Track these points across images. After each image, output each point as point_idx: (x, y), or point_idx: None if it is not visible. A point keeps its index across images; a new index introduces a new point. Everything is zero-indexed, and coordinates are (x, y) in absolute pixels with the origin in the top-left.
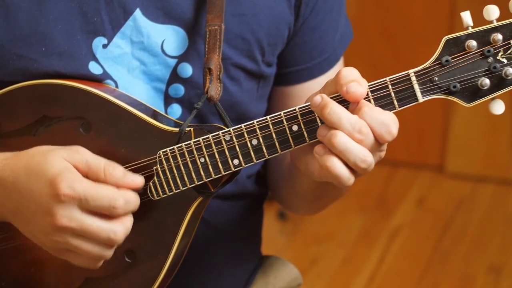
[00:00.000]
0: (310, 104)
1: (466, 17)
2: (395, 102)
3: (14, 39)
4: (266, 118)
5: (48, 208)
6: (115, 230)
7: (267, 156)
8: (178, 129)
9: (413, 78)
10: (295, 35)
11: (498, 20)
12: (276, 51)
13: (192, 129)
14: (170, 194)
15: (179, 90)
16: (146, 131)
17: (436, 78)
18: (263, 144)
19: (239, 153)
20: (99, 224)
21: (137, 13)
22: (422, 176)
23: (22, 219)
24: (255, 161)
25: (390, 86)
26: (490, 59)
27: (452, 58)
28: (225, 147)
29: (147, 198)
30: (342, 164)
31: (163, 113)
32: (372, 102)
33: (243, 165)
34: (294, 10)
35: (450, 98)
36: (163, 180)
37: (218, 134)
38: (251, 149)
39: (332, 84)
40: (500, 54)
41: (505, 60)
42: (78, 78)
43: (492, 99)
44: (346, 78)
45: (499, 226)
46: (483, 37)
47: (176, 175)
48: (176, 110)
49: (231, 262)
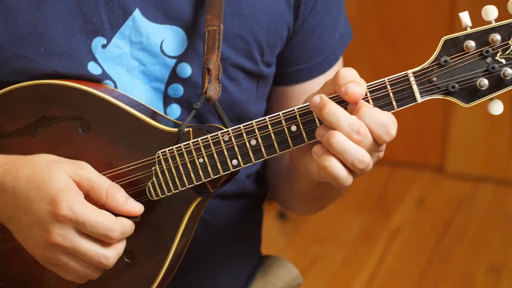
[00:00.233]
0: (309, 104)
1: (465, 18)
2: (394, 103)
3: (14, 39)
4: (265, 119)
5: (45, 224)
6: (107, 256)
7: (266, 157)
8: (177, 130)
9: (412, 79)
10: (295, 35)
11: (497, 21)
12: (275, 51)
13: (191, 130)
14: (169, 195)
15: (178, 90)
16: (145, 132)
17: (435, 79)
18: (262, 145)
19: (238, 154)
20: (92, 248)
21: (136, 13)
22: (422, 176)
23: (17, 227)
24: (254, 162)
25: (389, 87)
26: (489, 60)
27: (451, 59)
28: (224, 148)
29: (146, 199)
30: (341, 164)
31: (162, 114)
32: (371, 103)
33: (242, 166)
34: (293, 10)
35: (449, 99)
36: (162, 181)
37: (217, 135)
38: (250, 150)
39: (331, 85)
40: (499, 55)
41: (504, 61)
42: (77, 78)
43: (491, 100)
44: (345, 79)
45: (499, 226)
46: (482, 38)
47: (175, 176)
48: (175, 110)
49: (231, 262)
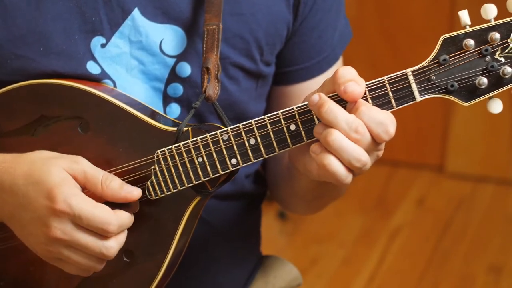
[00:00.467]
0: (308, 103)
1: (464, 16)
2: (393, 101)
3: (12, 39)
4: (264, 118)
5: (44, 219)
6: (108, 246)
7: (265, 156)
8: (176, 129)
9: (411, 77)
10: (294, 35)
11: (496, 19)
12: (275, 51)
13: (190, 129)
14: (168, 194)
15: (178, 90)
16: (144, 131)
17: (434, 77)
18: (261, 144)
19: (237, 153)
20: (92, 240)
21: (136, 13)
22: (422, 176)
23: (18, 224)
24: (253, 161)
25: (388, 85)
26: (488, 58)
27: (450, 57)
28: (223, 147)
29: (145, 198)
30: (339, 162)
31: (161, 113)
32: (370, 101)
33: (241, 165)
34: (293, 10)
35: (448, 97)
36: (161, 180)
37: (216, 134)
38: (249, 149)
39: (330, 84)
40: (498, 53)
41: (503, 59)
42: (76, 78)
43: (490, 98)
44: (344, 78)
45: (499, 226)
46: (481, 36)
47: (174, 175)
48: (175, 110)
49: (230, 262)
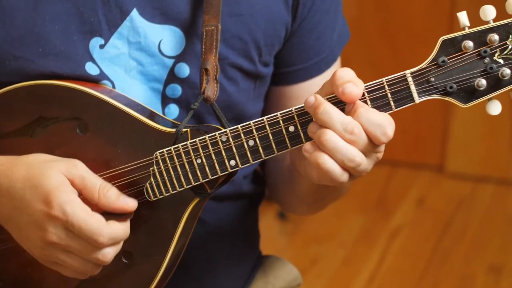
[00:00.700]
0: (304, 105)
1: (463, 18)
2: (392, 103)
3: (11, 40)
4: (263, 119)
5: (40, 223)
6: (104, 253)
7: (264, 157)
8: (175, 130)
9: (410, 79)
10: (293, 35)
11: (495, 21)
12: (273, 51)
13: (189, 130)
14: (167, 195)
15: (177, 90)
16: (143, 132)
17: (433, 79)
18: (260, 145)
19: (236, 154)
20: (87, 247)
21: (134, 13)
22: (422, 176)
23: (15, 227)
24: (252, 162)
25: (387, 87)
26: (487, 60)
27: (449, 59)
28: (222, 148)
29: (144, 199)
30: (333, 161)
31: (160, 114)
32: (369, 103)
33: (240, 166)
34: (292, 11)
35: (447, 99)
36: (160, 181)
37: (215, 135)
38: (248, 150)
39: (329, 85)
40: (497, 55)
41: (502, 61)
42: (75, 79)
43: (489, 100)
44: (342, 79)
45: (499, 226)
46: (480, 38)
47: (173, 176)
48: (174, 110)
49: (229, 262)
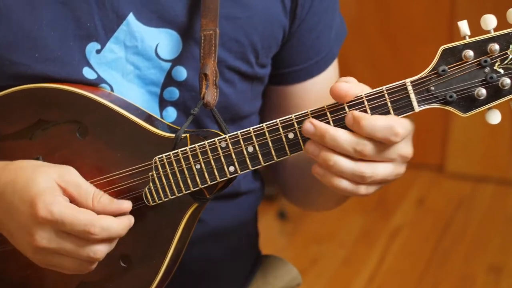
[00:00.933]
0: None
1: (463, 27)
2: (392, 112)
3: (7, 45)
4: (262, 125)
5: (28, 228)
6: (95, 250)
7: (263, 164)
8: (174, 135)
9: (410, 88)
10: (292, 37)
11: (496, 30)
12: (270, 53)
13: (188, 135)
14: (166, 200)
15: (174, 94)
16: (142, 137)
17: (433, 88)
18: (259, 152)
19: (235, 160)
20: (77, 245)
21: (130, 18)
22: (422, 176)
23: (7, 231)
24: (251, 168)
25: (387, 95)
26: (487, 69)
27: (449, 68)
28: (221, 154)
29: (143, 204)
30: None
31: (159, 118)
32: (369, 112)
33: (239, 172)
34: (290, 12)
35: (447, 108)
36: (159, 186)
37: (214, 141)
38: (247, 157)
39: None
40: (497, 64)
41: (502, 70)
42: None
43: (489, 109)
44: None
45: (499, 226)
46: (480, 47)
47: (172, 181)
48: (171, 114)
49: (229, 261)
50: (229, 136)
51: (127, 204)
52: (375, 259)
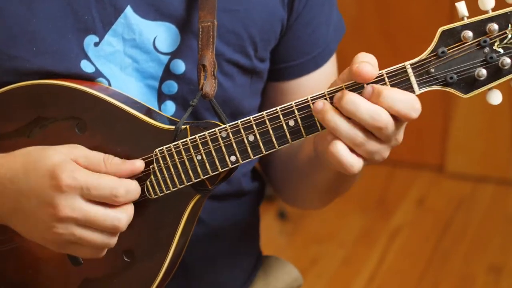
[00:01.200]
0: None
1: (462, 8)
2: None
3: (5, 39)
4: (263, 114)
5: (50, 200)
6: (119, 217)
7: (264, 152)
8: (174, 127)
9: (410, 70)
10: (289, 31)
11: (494, 10)
12: (269, 47)
13: (188, 127)
14: (168, 193)
15: (172, 87)
16: (142, 130)
17: (433, 70)
18: (260, 140)
19: (236, 150)
20: (103, 212)
21: (128, 11)
22: (422, 176)
23: (21, 217)
24: (253, 157)
25: (387, 79)
26: (487, 50)
27: (448, 49)
28: (222, 144)
29: (145, 197)
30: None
31: (158, 111)
32: None
33: (240, 162)
34: (287, 6)
35: (447, 90)
36: (160, 179)
37: (215, 131)
38: (248, 146)
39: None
40: (496, 44)
41: (502, 50)
42: (71, 77)
43: (489, 90)
44: (362, 58)
45: (499, 226)
46: (479, 27)
47: (173, 173)
48: (170, 107)
49: (229, 262)
50: (230, 126)
51: (140, 163)
52: (375, 259)
